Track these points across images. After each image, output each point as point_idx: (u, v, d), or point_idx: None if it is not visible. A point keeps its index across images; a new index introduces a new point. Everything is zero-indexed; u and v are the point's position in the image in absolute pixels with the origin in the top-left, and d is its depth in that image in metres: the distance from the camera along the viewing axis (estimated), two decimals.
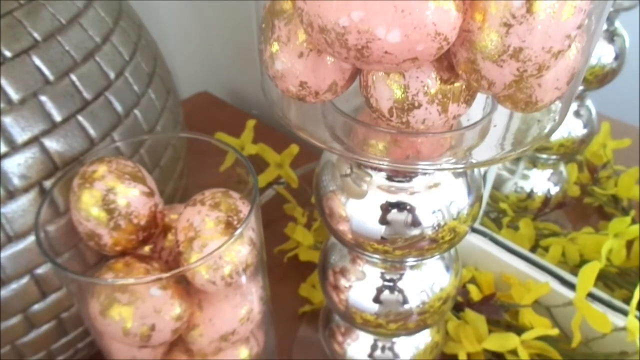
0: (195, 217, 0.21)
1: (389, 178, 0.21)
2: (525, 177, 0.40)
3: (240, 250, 0.21)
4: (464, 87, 0.17)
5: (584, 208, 0.42)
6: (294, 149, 0.37)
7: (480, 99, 0.20)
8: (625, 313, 0.30)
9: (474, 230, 0.36)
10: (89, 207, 0.21)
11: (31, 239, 0.22)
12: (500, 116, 0.20)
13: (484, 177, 0.34)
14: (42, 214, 0.21)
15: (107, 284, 0.20)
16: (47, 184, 0.22)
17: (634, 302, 0.27)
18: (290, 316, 0.36)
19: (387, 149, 0.19)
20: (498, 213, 0.40)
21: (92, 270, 0.24)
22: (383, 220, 0.22)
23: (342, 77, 0.17)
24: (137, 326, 0.20)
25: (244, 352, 0.25)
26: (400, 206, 0.22)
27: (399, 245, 0.22)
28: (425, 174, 0.22)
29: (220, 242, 0.20)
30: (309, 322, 0.36)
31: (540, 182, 0.40)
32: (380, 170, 0.22)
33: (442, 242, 0.23)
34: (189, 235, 0.21)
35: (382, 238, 0.22)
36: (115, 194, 0.21)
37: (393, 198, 0.22)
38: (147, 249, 0.24)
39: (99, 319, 0.21)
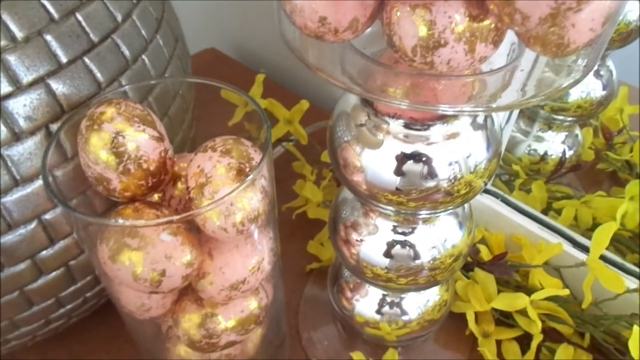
0: (207, 163, 0.21)
1: (406, 126, 0.21)
2: (539, 139, 0.39)
3: (252, 198, 0.21)
4: (493, 26, 0.16)
5: (596, 174, 0.41)
6: (304, 104, 0.36)
7: (504, 46, 0.19)
8: (636, 276, 0.30)
9: (486, 191, 0.35)
10: (97, 150, 0.20)
11: (38, 183, 0.22)
12: (524, 62, 0.19)
13: None
14: (49, 157, 0.20)
15: (117, 225, 0.19)
16: (54, 127, 0.22)
17: None
18: (298, 274, 0.36)
19: (406, 96, 0.19)
20: (510, 176, 0.39)
21: (101, 217, 0.24)
22: (398, 171, 0.22)
23: (364, 14, 0.16)
24: (147, 271, 0.20)
25: (253, 303, 0.25)
26: (416, 157, 0.21)
27: (414, 197, 0.22)
28: (443, 122, 0.21)
29: (232, 189, 0.20)
30: (315, 280, 0.36)
31: (554, 145, 0.39)
32: (397, 117, 0.21)
33: (457, 195, 0.22)
34: (199, 182, 0.21)
35: (397, 189, 0.22)
36: (124, 137, 0.20)
37: (409, 148, 0.21)
38: (156, 197, 0.24)
39: (108, 264, 0.20)
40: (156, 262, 0.20)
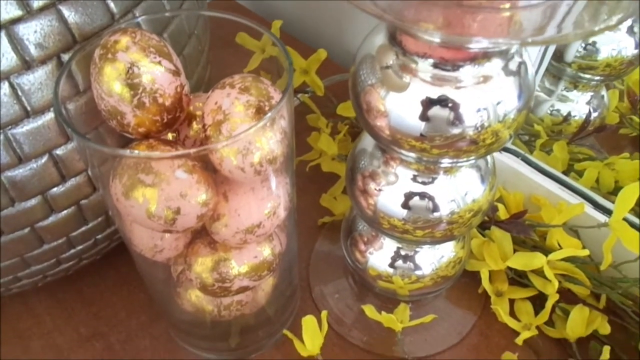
0: (224, 100, 0.20)
1: (435, 66, 0.20)
2: (563, 99, 0.38)
3: (271, 138, 0.20)
4: None
5: (619, 138, 0.40)
6: (322, 53, 0.35)
7: None
8: None
9: (505, 149, 0.34)
10: (111, 81, 0.19)
11: (50, 116, 0.21)
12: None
13: None
14: (61, 86, 0.20)
15: (131, 156, 0.19)
16: (65, 58, 0.21)
17: None
18: (310, 228, 0.36)
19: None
20: (530, 136, 0.38)
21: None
22: (423, 116, 0.21)
23: None
24: (162, 209, 0.19)
25: (267, 250, 0.24)
26: (443, 102, 0.20)
27: (437, 143, 0.21)
28: (474, 64, 0.20)
29: (251, 126, 0.19)
30: (327, 234, 0.36)
31: (578, 106, 0.38)
32: (427, 57, 0.20)
33: (482, 145, 0.21)
34: (217, 119, 0.20)
35: (421, 135, 0.21)
36: (140, 68, 0.19)
37: (436, 92, 0.20)
38: (170, 136, 0.23)
39: (121, 201, 0.20)
40: (171, 200, 0.19)
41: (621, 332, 0.28)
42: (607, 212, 0.31)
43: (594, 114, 0.38)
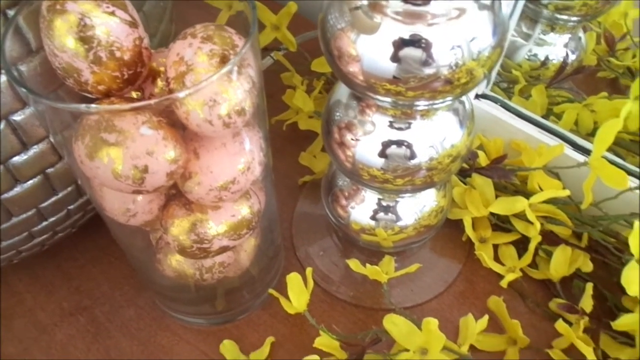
0: (187, 50, 0.19)
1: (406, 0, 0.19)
2: (540, 43, 0.37)
3: (238, 87, 0.19)
4: None
5: (597, 82, 0.40)
6: (292, 6, 0.34)
7: None
8: (636, 175, 0.29)
9: (484, 96, 0.34)
10: (62, 35, 0.18)
11: (3, 78, 0.20)
12: None
13: None
14: (9, 45, 0.18)
15: (89, 111, 0.18)
16: (11, 13, 0.20)
17: None
18: (290, 188, 0.35)
19: None
20: (509, 83, 0.37)
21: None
22: (396, 58, 0.20)
23: None
24: (128, 168, 0.19)
25: (244, 208, 0.24)
26: (415, 42, 0.20)
27: (412, 85, 0.20)
28: None
29: (214, 73, 0.18)
30: (308, 194, 0.35)
31: (556, 49, 0.37)
32: None
33: (457, 84, 0.21)
34: (180, 70, 0.19)
35: (395, 77, 0.20)
36: (92, 19, 0.18)
37: (408, 31, 0.19)
38: (134, 94, 0.22)
39: (86, 163, 0.19)
40: (137, 158, 0.18)
41: (603, 269, 0.29)
42: (587, 152, 0.30)
43: (572, 57, 0.38)
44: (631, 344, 0.26)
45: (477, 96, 0.34)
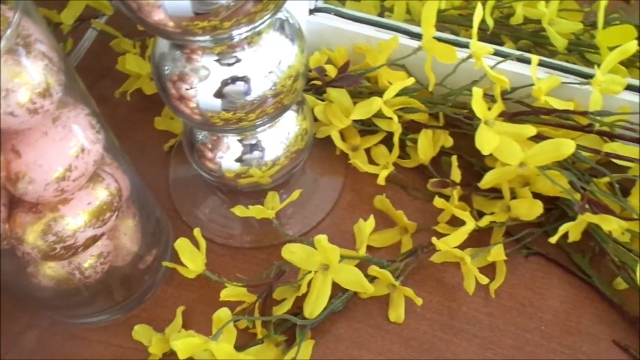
0: None
1: None
2: None
3: (32, 68, 0.17)
4: None
5: None
6: None
7: None
8: (468, 46, 0.31)
9: (318, 10, 0.34)
10: None
11: None
12: None
13: None
14: None
15: None
16: None
17: (475, 27, 0.28)
18: (158, 157, 0.34)
19: None
20: None
21: None
22: None
23: None
24: None
25: (100, 192, 0.22)
26: None
27: (224, 15, 0.20)
28: None
29: None
30: (178, 159, 0.34)
31: None
32: None
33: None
34: None
35: (197, 14, 0.19)
36: None
37: None
38: None
39: None
40: None
41: (463, 139, 0.31)
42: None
43: None
44: (500, 197, 0.29)
45: (311, 11, 0.33)
